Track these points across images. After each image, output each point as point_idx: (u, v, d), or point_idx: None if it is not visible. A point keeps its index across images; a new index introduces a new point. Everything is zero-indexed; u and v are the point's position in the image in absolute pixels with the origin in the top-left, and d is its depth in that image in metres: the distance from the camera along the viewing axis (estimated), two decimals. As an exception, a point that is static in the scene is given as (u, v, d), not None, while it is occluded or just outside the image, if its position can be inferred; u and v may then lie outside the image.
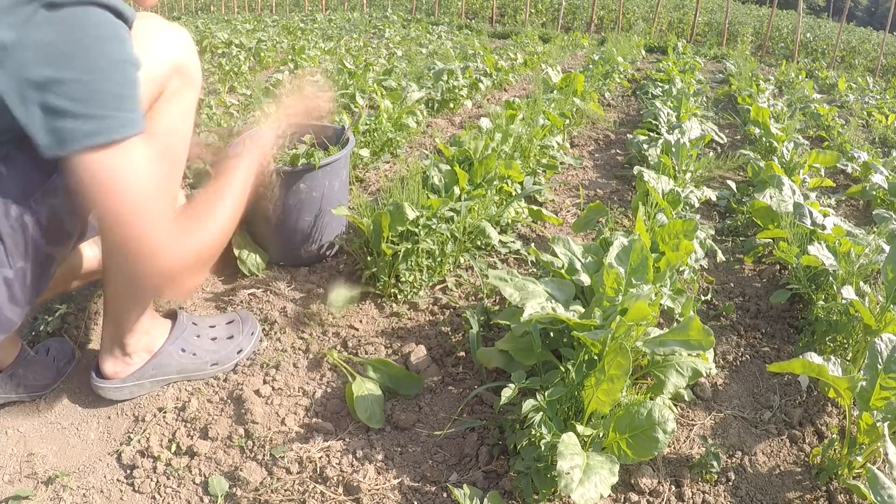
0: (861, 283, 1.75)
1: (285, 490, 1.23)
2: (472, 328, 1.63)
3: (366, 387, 1.43)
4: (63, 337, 1.59)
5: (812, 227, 2.10)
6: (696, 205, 2.49)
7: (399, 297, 1.89)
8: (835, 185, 3.40)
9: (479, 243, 2.17)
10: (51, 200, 1.15)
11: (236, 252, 1.95)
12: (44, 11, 0.95)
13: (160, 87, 1.23)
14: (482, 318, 1.73)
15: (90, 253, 1.58)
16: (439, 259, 1.97)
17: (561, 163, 3.27)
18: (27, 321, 1.58)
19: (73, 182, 1.04)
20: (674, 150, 2.88)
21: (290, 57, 5.91)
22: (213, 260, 1.25)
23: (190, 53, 1.30)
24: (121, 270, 1.33)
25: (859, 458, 1.30)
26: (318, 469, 1.28)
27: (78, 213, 1.21)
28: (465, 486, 1.20)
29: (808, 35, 13.49)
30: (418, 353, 1.63)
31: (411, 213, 1.80)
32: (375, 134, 3.11)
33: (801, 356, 1.27)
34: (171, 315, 1.56)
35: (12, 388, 1.38)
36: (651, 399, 1.29)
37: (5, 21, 0.95)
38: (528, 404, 1.24)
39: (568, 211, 2.73)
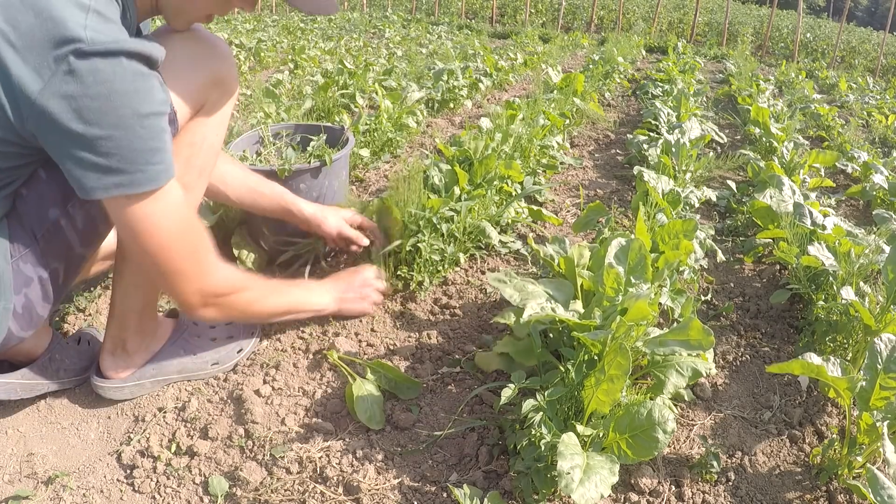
0: (861, 284, 1.75)
1: (285, 490, 1.23)
2: None
3: (365, 388, 1.43)
4: (92, 326, 1.60)
5: (812, 227, 2.10)
6: (696, 205, 2.48)
7: (399, 296, 1.89)
8: (835, 185, 3.39)
9: (479, 243, 2.17)
10: (88, 206, 1.15)
11: (236, 252, 1.95)
12: (73, 59, 0.92)
13: (201, 101, 1.23)
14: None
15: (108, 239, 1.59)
16: (440, 259, 1.97)
17: (561, 163, 3.27)
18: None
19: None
20: (674, 150, 2.88)
21: (290, 57, 5.91)
22: (235, 315, 1.37)
23: (229, 65, 1.28)
24: (134, 274, 1.33)
25: (859, 458, 1.30)
26: (318, 469, 1.28)
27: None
28: (465, 486, 1.20)
29: (808, 35, 13.49)
30: (419, 353, 1.63)
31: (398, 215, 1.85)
32: (375, 134, 3.10)
33: (800, 356, 1.27)
34: (172, 315, 1.57)
35: (53, 372, 1.39)
36: (651, 399, 1.29)
37: (31, 61, 0.92)
38: (528, 404, 1.24)
39: (568, 211, 2.73)
